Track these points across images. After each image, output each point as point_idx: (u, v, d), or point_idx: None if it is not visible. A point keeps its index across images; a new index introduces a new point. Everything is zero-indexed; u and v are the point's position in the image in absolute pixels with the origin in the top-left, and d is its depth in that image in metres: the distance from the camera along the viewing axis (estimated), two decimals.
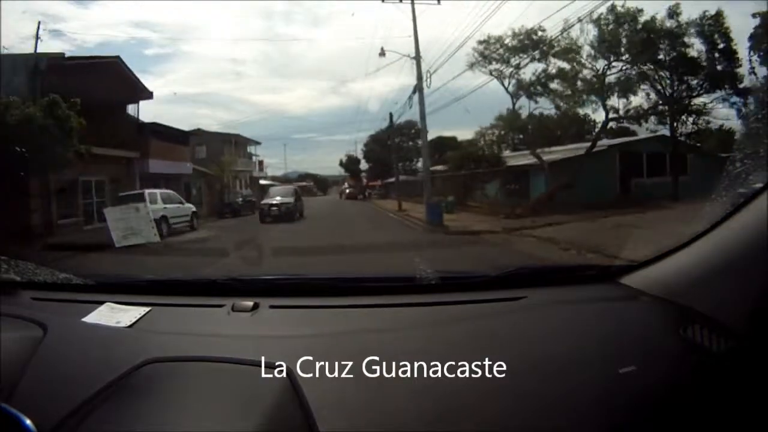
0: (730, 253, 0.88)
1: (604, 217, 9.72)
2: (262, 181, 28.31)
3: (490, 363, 0.87)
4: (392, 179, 26.79)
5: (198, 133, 20.72)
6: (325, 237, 9.69)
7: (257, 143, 25.76)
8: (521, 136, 15.71)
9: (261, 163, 27.10)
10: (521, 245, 8.07)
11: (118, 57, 13.28)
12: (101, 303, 1.16)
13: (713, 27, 12.77)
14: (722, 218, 0.92)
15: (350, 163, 31.20)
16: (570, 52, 13.65)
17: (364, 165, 30.92)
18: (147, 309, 1.13)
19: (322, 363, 0.88)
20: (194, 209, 13.40)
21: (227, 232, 11.62)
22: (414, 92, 15.04)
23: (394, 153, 25.63)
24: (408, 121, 21.32)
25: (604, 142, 14.55)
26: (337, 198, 30.87)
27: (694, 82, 13.32)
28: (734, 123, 13.11)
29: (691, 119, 13.75)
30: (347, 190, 30.32)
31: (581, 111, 14.64)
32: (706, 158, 13.08)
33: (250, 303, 1.13)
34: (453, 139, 25.60)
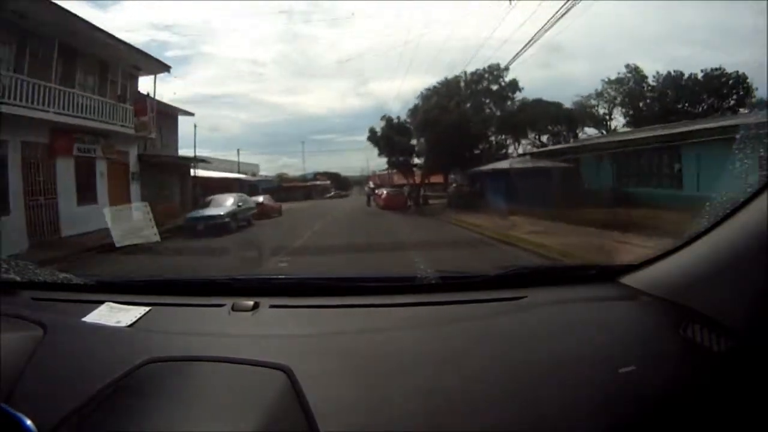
0: (729, 253, 0.88)
1: None
2: (205, 173, 14.98)
3: (491, 363, 0.87)
4: (483, 168, 14.31)
5: None
6: None
7: (166, 68, 12.11)
8: None
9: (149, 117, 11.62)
10: None
11: None
12: (101, 303, 1.16)
13: None
14: (722, 218, 0.92)
15: (391, 132, 15.86)
16: None
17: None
18: (147, 309, 1.13)
19: (323, 363, 0.88)
20: None
21: None
22: None
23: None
24: (494, 66, 12.72)
25: None
26: (362, 204, 17.52)
27: None
28: None
29: None
30: (384, 194, 16.30)
31: None
32: None
33: (250, 303, 1.13)
34: (557, 105, 16.94)
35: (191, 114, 14.70)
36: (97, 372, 0.86)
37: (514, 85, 15.49)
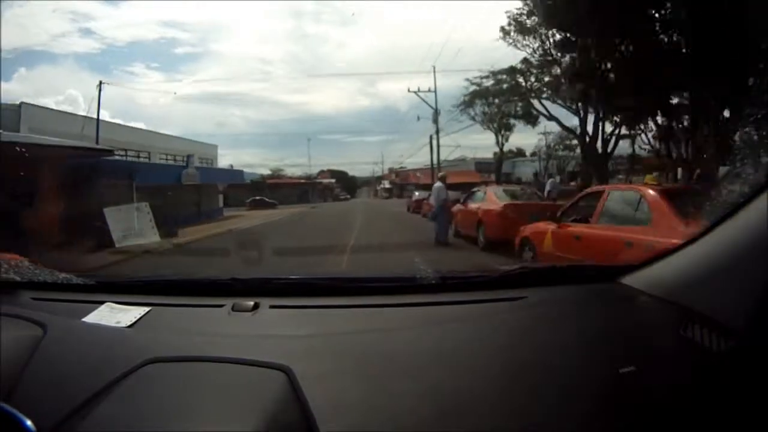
0: (730, 253, 0.88)
1: None
2: None
3: (491, 363, 0.87)
4: None
5: None
6: None
7: None
8: None
9: None
10: None
11: None
12: (101, 303, 1.16)
13: None
14: (722, 218, 0.92)
15: None
16: None
17: None
18: (147, 309, 1.13)
19: (323, 363, 0.88)
20: None
21: None
22: None
23: None
24: None
25: None
26: (404, 224, 12.43)
27: None
28: None
29: None
30: (508, 209, 7.34)
31: None
32: None
33: (250, 303, 1.13)
34: None
35: None
36: (97, 372, 0.86)
37: None
